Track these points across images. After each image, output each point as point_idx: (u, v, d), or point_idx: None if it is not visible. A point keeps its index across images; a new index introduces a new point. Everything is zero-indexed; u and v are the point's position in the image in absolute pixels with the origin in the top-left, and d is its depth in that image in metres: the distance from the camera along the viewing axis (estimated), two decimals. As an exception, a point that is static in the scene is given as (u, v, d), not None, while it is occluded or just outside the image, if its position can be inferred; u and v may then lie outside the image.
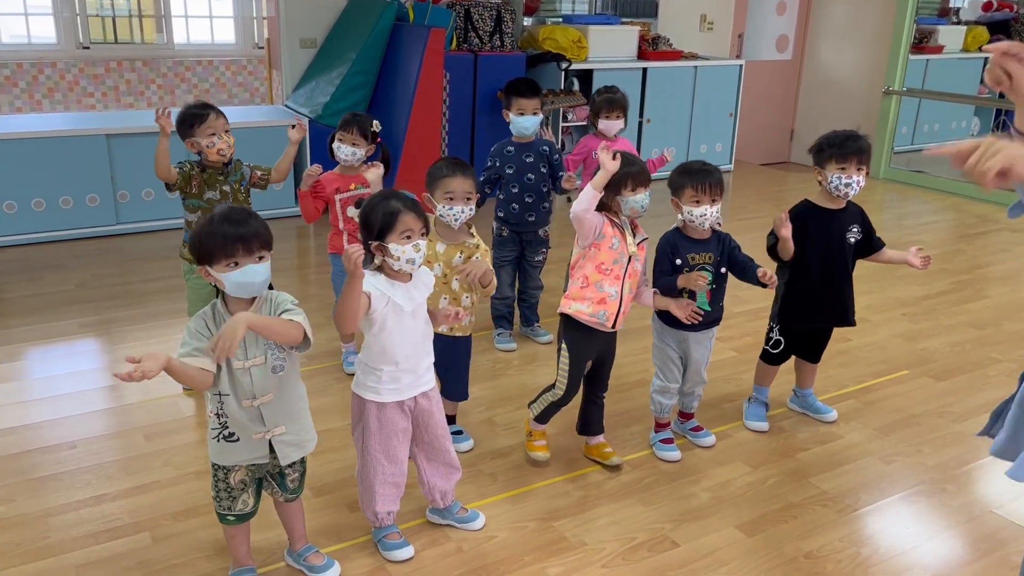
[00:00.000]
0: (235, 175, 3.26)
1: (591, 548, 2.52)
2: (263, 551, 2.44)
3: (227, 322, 1.93)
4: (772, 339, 3.20)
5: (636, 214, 2.73)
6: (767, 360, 3.25)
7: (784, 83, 8.56)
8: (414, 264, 2.24)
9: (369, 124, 3.40)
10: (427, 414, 2.42)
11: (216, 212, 2.04)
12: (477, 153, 6.32)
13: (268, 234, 2.03)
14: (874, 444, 3.17)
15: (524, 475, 2.89)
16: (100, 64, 7.47)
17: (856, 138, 2.95)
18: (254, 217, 2.04)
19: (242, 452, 2.12)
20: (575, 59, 6.65)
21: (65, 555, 2.42)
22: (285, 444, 2.15)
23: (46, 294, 4.42)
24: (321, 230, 5.70)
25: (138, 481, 2.79)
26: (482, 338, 3.95)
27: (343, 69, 5.96)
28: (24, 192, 5.10)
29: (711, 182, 2.74)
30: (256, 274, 2.00)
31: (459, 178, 2.69)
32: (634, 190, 2.68)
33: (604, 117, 3.97)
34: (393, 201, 2.22)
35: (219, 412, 2.08)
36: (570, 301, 2.76)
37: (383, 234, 2.20)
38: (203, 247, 1.98)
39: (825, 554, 2.54)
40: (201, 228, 2.01)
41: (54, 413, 3.21)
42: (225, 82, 8.10)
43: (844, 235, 3.03)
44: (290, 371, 2.13)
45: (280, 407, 2.12)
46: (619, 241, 2.70)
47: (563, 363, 2.80)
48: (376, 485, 2.38)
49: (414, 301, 2.29)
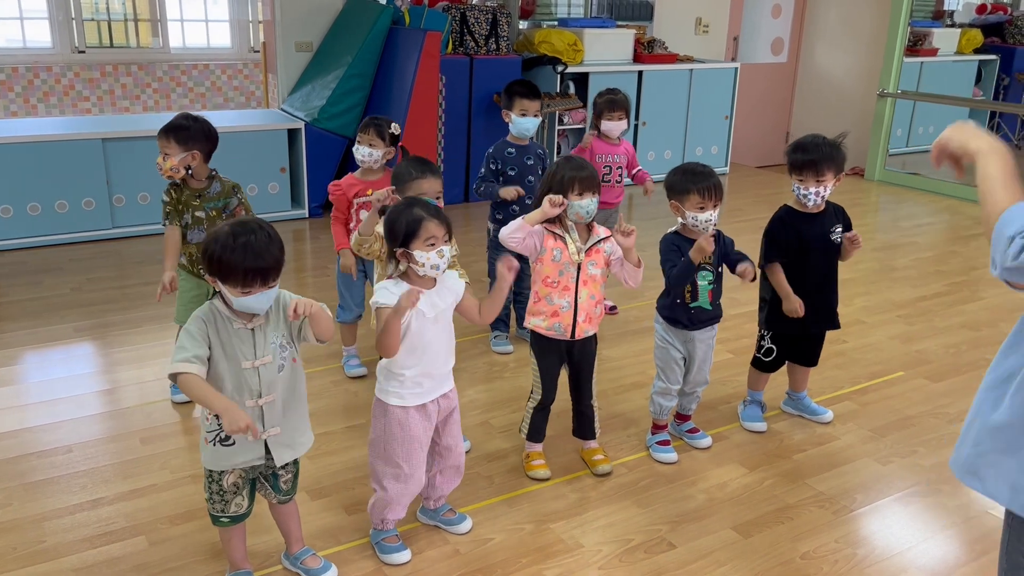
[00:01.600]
0: (216, 202, 3.14)
1: (588, 550, 2.53)
2: (259, 554, 2.44)
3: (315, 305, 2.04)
4: (764, 347, 3.19)
5: (581, 219, 2.68)
6: (759, 367, 3.25)
7: (779, 86, 8.59)
8: (438, 270, 2.26)
9: (387, 126, 3.41)
10: (448, 415, 2.43)
11: (232, 230, 1.96)
12: (473, 156, 6.33)
13: (283, 256, 2.02)
14: (870, 445, 3.17)
15: (520, 478, 2.89)
16: (96, 68, 7.48)
17: (812, 148, 2.88)
18: (272, 241, 1.99)
19: (237, 455, 2.11)
20: (571, 62, 6.66)
21: (61, 559, 2.42)
22: (280, 445, 2.15)
23: (42, 298, 4.42)
24: (318, 234, 5.72)
25: (134, 485, 2.79)
26: (478, 341, 3.96)
27: (339, 72, 5.97)
28: (20, 196, 5.09)
29: (714, 185, 2.75)
30: (267, 300, 2.02)
31: (429, 178, 2.75)
32: (581, 194, 2.64)
33: (606, 118, 3.98)
34: (417, 209, 2.26)
35: (217, 414, 2.07)
36: (530, 316, 2.78)
37: (407, 241, 2.23)
38: (220, 268, 1.95)
39: (821, 555, 2.54)
40: (218, 245, 1.95)
41: (50, 417, 3.21)
42: (221, 86, 8.11)
43: (827, 236, 3.03)
44: (292, 370, 2.14)
45: (280, 407, 2.13)
46: (560, 252, 2.67)
47: (534, 368, 2.83)
48: (393, 492, 2.38)
49: (436, 308, 2.31)
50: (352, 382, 3.54)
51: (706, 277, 2.85)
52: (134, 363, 3.72)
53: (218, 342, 2.02)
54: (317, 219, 5.98)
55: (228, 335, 2.03)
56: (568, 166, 2.68)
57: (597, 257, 2.71)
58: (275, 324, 2.10)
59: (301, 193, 5.96)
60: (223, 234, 1.96)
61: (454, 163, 6.37)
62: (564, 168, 2.68)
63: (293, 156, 5.91)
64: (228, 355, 2.03)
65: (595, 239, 2.72)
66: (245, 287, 1.95)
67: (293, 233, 5.73)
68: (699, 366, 2.97)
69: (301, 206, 5.98)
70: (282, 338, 2.10)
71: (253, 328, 2.05)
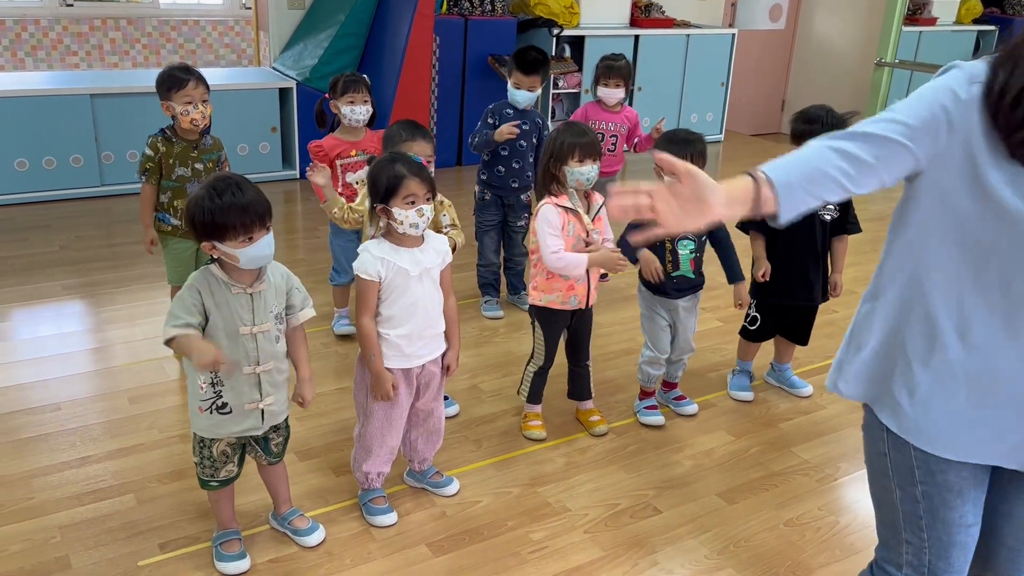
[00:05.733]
0: (212, 154, 3.13)
1: (574, 514, 2.55)
2: (248, 514, 2.45)
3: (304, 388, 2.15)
4: (749, 315, 3.20)
5: (581, 186, 2.67)
6: (745, 336, 3.26)
7: (776, 53, 8.51)
8: (418, 229, 2.24)
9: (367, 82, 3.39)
10: (431, 379, 2.43)
11: (211, 185, 1.96)
12: (466, 119, 6.27)
13: (268, 201, 2.02)
14: (855, 415, 3.19)
15: (508, 441, 2.91)
16: (84, 22, 7.35)
17: (816, 120, 2.86)
18: (251, 185, 1.99)
19: (232, 424, 2.11)
20: (567, 25, 6.58)
21: (50, 516, 2.43)
22: (271, 414, 2.16)
23: (29, 255, 4.38)
24: (308, 195, 5.67)
25: (123, 443, 2.80)
26: (469, 306, 3.95)
27: (332, 31, 5.88)
28: (7, 152, 5.03)
29: (692, 152, 2.71)
30: (269, 245, 2.00)
31: (420, 142, 2.72)
32: (581, 161, 2.63)
33: (602, 84, 3.93)
34: (399, 165, 2.23)
35: (214, 381, 2.06)
36: (540, 293, 2.76)
37: (387, 198, 2.21)
38: (214, 224, 1.93)
39: (805, 522, 2.57)
40: (203, 204, 1.93)
41: (38, 375, 3.20)
42: (211, 43, 7.99)
43: (814, 213, 3.01)
44: (282, 342, 2.15)
45: (272, 377, 2.13)
46: (574, 225, 2.67)
47: (538, 335, 2.84)
48: (373, 447, 2.40)
49: (420, 265, 2.28)
50: (342, 344, 3.53)
51: (687, 246, 2.85)
52: (123, 322, 3.70)
53: (215, 308, 2.01)
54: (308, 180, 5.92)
55: (226, 300, 2.02)
56: (569, 132, 2.67)
57: (600, 225, 2.73)
58: (274, 292, 2.09)
59: (292, 153, 5.90)
60: (205, 196, 1.95)
61: (447, 125, 6.31)
62: (564, 134, 2.66)
63: (284, 116, 5.85)
64: (226, 321, 2.02)
65: (596, 207, 2.73)
66: (247, 233, 1.94)
67: (284, 194, 5.69)
68: (683, 334, 2.99)
69: (292, 166, 5.92)
70: (279, 309, 2.11)
71: (252, 294, 2.04)
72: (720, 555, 2.41)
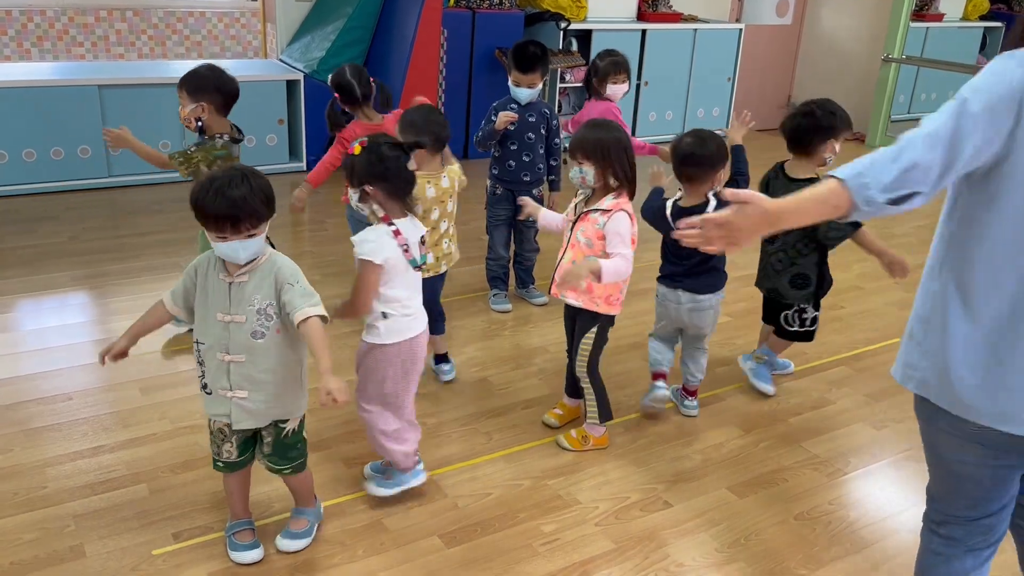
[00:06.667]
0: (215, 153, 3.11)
1: (585, 507, 2.56)
2: (260, 504, 2.46)
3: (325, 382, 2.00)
4: (810, 317, 3.16)
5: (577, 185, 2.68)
6: (793, 338, 3.21)
7: (783, 48, 8.49)
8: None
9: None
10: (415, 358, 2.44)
11: (217, 176, 1.96)
12: (473, 112, 6.27)
13: (264, 208, 1.97)
14: (865, 410, 3.20)
15: (518, 435, 2.91)
16: (90, 13, 7.34)
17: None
18: (252, 191, 1.94)
19: (212, 405, 2.14)
20: (574, 19, 6.57)
21: (63, 504, 2.44)
22: (241, 409, 2.10)
23: (38, 246, 4.39)
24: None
25: (135, 433, 2.80)
26: (477, 299, 3.96)
27: (339, 24, 5.87)
28: (15, 143, 5.03)
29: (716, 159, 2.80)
30: (242, 249, 1.97)
31: None
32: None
33: (612, 81, 3.88)
34: (383, 148, 2.29)
35: (200, 361, 2.12)
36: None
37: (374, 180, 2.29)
38: (196, 212, 1.97)
39: (815, 516, 2.58)
40: (198, 190, 1.96)
41: (49, 365, 3.21)
42: (217, 35, 7.97)
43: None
44: (275, 343, 2.08)
45: (249, 372, 2.08)
46: (570, 210, 2.75)
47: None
48: (403, 428, 2.44)
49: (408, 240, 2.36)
50: (352, 337, 3.53)
51: None
52: (131, 313, 3.69)
53: (203, 290, 2.07)
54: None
55: (211, 284, 2.06)
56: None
57: (587, 226, 2.63)
58: (258, 286, 2.03)
59: (299, 145, 5.89)
60: (205, 179, 1.98)
61: (454, 119, 6.26)
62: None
63: (291, 108, 5.84)
64: (208, 304, 2.07)
65: (594, 207, 2.62)
66: (218, 232, 1.96)
67: (291, 186, 5.66)
68: (696, 332, 2.99)
69: (299, 158, 5.92)
70: (265, 304, 2.04)
71: (231, 283, 2.04)
72: (731, 548, 2.42)
